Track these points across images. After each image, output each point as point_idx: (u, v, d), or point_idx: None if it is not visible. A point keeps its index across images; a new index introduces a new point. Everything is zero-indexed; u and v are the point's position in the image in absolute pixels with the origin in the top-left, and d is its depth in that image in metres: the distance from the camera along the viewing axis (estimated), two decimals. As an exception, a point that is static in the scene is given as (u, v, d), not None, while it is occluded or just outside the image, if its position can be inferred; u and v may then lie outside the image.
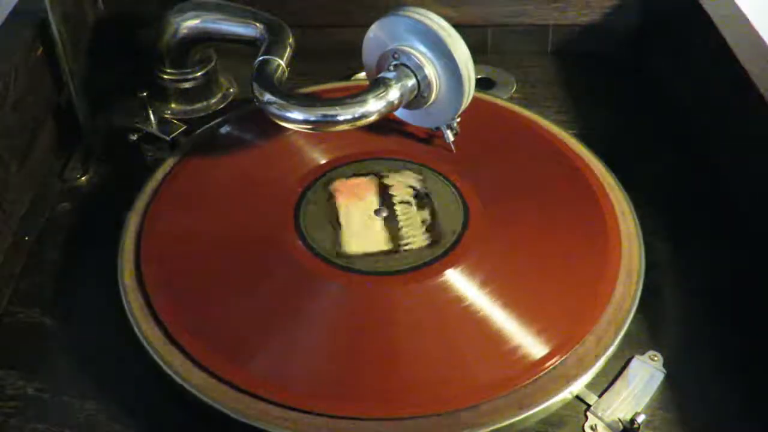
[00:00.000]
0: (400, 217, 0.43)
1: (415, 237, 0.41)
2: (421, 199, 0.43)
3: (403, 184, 0.44)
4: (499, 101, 0.53)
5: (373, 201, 0.44)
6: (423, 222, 0.42)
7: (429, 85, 0.44)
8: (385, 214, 0.43)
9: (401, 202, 0.43)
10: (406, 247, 0.41)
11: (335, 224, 0.42)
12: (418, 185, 0.44)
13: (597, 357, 0.37)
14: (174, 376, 0.36)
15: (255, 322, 0.38)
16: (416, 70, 0.44)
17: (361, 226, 0.42)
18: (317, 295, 0.39)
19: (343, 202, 0.43)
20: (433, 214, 0.42)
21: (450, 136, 0.47)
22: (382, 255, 0.40)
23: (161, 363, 0.36)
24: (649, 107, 0.55)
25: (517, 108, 0.52)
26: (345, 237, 0.41)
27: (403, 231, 0.42)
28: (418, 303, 0.39)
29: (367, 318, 0.38)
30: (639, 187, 0.46)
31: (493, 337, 0.37)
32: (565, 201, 0.45)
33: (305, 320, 0.38)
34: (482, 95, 0.53)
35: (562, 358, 0.36)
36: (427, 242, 0.41)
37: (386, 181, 0.45)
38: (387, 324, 0.38)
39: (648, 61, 0.59)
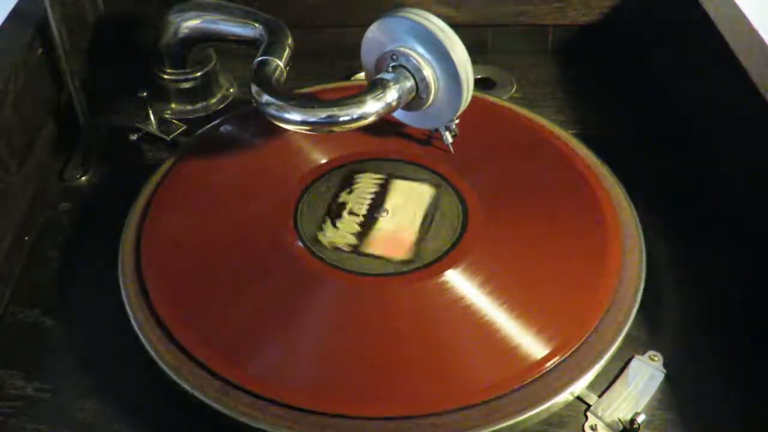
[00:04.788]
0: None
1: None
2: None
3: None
4: (498, 101, 0.53)
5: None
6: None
7: (427, 86, 0.44)
8: (385, 214, 0.43)
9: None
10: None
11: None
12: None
13: (597, 357, 0.37)
14: (174, 376, 0.36)
15: (255, 322, 0.38)
16: (414, 72, 0.44)
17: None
18: (317, 295, 0.39)
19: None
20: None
21: (449, 137, 0.47)
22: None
23: (161, 363, 0.36)
24: (649, 107, 0.55)
25: (516, 108, 0.52)
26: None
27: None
28: (418, 303, 0.39)
29: (367, 318, 0.38)
30: (639, 187, 0.46)
31: (493, 338, 0.37)
32: (565, 200, 0.45)
33: (305, 321, 0.38)
34: (482, 95, 0.53)
35: (562, 359, 0.36)
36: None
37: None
38: (387, 324, 0.38)
39: (648, 61, 0.59)
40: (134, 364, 0.38)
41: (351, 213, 0.43)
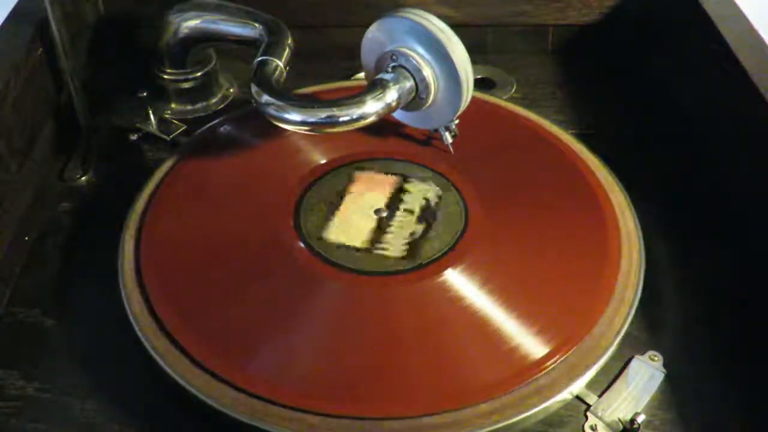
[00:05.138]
0: (393, 223, 0.43)
1: (393, 246, 0.41)
2: (426, 214, 0.43)
3: (420, 194, 0.44)
4: (498, 101, 0.53)
5: (380, 198, 0.43)
6: (411, 234, 0.42)
7: (427, 87, 0.44)
8: (384, 215, 0.43)
9: (406, 210, 0.43)
10: (379, 251, 0.41)
11: (332, 210, 0.42)
12: (432, 199, 0.44)
13: (597, 357, 0.37)
14: (174, 375, 0.36)
15: (255, 322, 0.38)
16: (414, 72, 0.44)
17: (351, 219, 0.42)
18: (317, 295, 0.39)
19: (354, 191, 0.43)
20: (425, 232, 0.42)
21: (449, 137, 0.47)
22: (354, 250, 0.41)
23: (161, 362, 0.36)
24: (649, 107, 0.55)
25: (516, 108, 0.52)
26: (332, 224, 0.41)
27: (387, 236, 0.42)
28: (418, 303, 0.39)
29: (367, 318, 0.38)
30: (639, 187, 0.46)
31: (493, 337, 0.37)
32: (565, 201, 0.44)
33: (305, 320, 0.38)
34: (482, 95, 0.53)
35: (562, 358, 0.36)
36: (401, 254, 0.40)
37: (407, 187, 0.44)
38: (387, 324, 0.38)
39: (648, 61, 0.59)
40: (134, 364, 0.38)
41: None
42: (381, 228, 0.42)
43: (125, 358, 0.38)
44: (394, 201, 0.44)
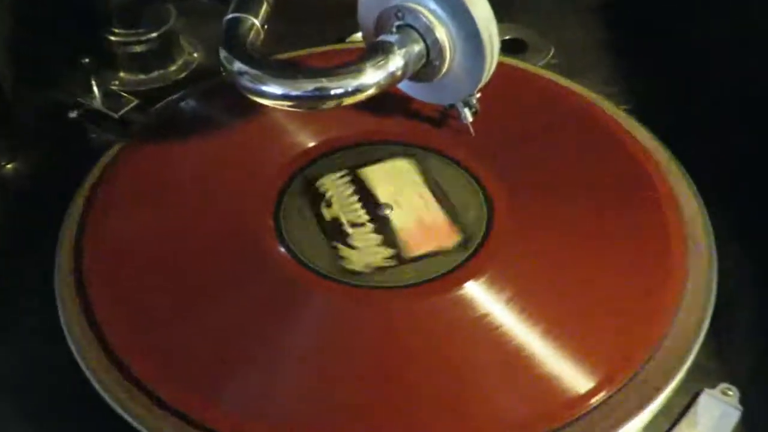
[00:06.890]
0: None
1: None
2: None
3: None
4: (531, 69, 0.53)
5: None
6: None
7: (441, 51, 0.44)
8: (389, 210, 0.44)
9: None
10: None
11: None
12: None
13: (656, 391, 0.37)
14: (122, 412, 0.36)
15: (225, 344, 0.38)
16: (425, 33, 0.44)
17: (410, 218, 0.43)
18: (304, 312, 0.39)
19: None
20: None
21: (468, 115, 0.47)
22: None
23: (106, 395, 0.36)
24: (722, 77, 0.55)
25: (554, 77, 0.52)
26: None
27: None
28: (430, 323, 0.39)
29: (367, 341, 0.38)
30: (708, 179, 0.46)
31: (524, 366, 0.37)
32: (617, 196, 0.45)
33: (288, 343, 0.38)
34: (511, 61, 0.53)
35: (612, 393, 0.36)
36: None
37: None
38: (392, 349, 0.38)
39: (718, 19, 0.58)
40: (74, 392, 0.37)
41: (354, 225, 0.43)
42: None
43: (63, 384, 0.38)
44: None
